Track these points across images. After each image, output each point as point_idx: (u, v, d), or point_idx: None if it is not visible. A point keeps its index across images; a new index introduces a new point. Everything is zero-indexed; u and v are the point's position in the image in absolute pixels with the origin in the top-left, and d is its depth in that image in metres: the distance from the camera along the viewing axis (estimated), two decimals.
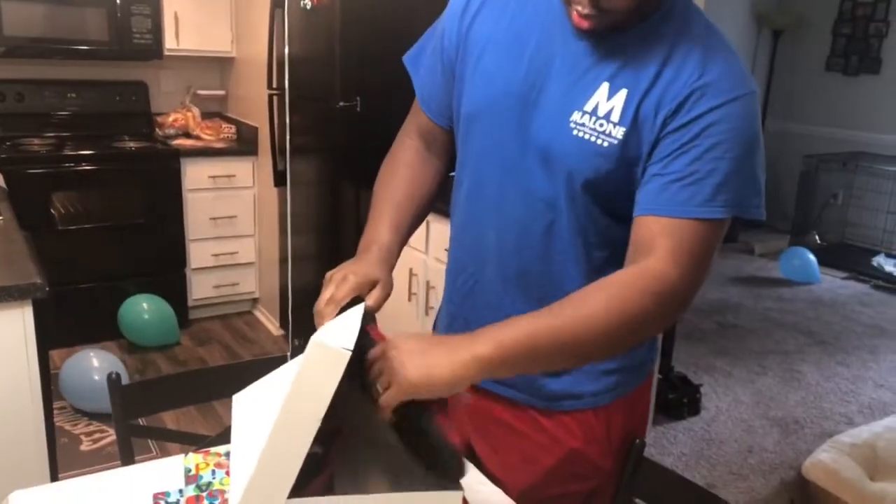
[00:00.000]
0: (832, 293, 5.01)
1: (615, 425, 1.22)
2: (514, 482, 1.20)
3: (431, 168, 1.27)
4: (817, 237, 5.83)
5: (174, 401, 1.66)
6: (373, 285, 1.10)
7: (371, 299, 1.08)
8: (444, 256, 2.64)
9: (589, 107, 1.03)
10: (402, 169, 1.24)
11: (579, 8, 0.98)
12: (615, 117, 1.02)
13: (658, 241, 0.98)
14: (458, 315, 1.26)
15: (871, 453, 2.66)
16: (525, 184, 1.09)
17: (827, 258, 5.44)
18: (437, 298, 2.79)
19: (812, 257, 5.21)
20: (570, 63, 1.05)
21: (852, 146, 5.89)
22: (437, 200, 1.31)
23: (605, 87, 1.03)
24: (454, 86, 1.18)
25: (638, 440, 1.32)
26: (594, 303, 0.96)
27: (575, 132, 1.03)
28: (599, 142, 1.02)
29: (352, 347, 0.85)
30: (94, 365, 2.93)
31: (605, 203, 1.06)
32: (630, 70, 1.02)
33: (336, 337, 0.87)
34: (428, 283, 2.81)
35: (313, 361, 0.84)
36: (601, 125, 1.02)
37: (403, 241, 1.22)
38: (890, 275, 5.23)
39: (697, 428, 3.10)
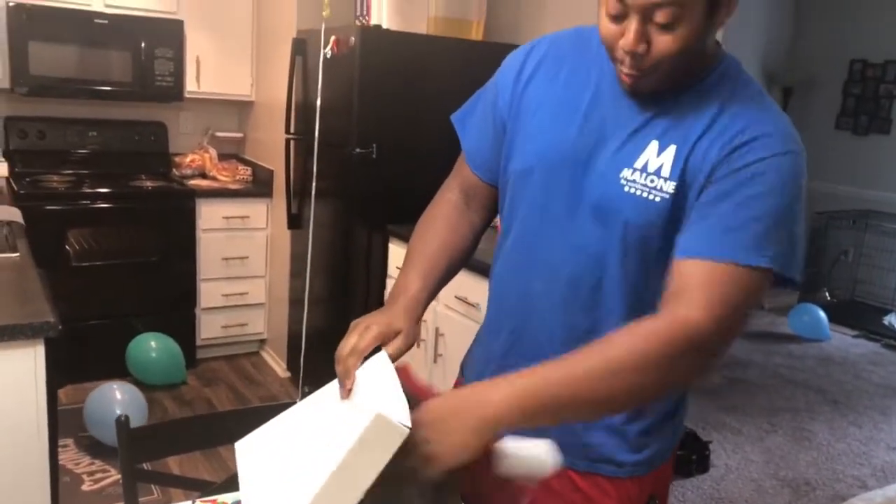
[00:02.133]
0: (842, 351, 4.97)
1: (646, 489, 1.21)
2: None
3: (468, 222, 1.28)
4: (827, 294, 5.81)
5: (180, 445, 1.65)
6: (396, 335, 1.10)
7: (391, 348, 1.09)
8: (455, 303, 2.66)
9: (639, 164, 1.05)
10: (439, 221, 1.25)
11: (624, 68, 1.01)
12: (665, 172, 1.03)
13: (693, 286, 0.95)
14: (499, 374, 1.09)
15: None
16: (576, 239, 1.09)
17: (837, 315, 5.41)
18: (445, 345, 2.78)
19: (822, 314, 5.18)
20: (622, 122, 1.07)
21: (862, 204, 5.90)
22: (472, 255, 1.32)
23: (654, 144, 1.05)
24: (504, 143, 1.20)
25: (648, 499, 1.30)
26: (616, 350, 0.94)
27: (626, 188, 1.05)
28: (651, 197, 1.04)
29: (409, 424, 0.85)
30: (117, 398, 2.93)
31: (656, 260, 1.04)
32: (680, 127, 1.04)
33: (397, 412, 0.87)
34: (437, 329, 2.81)
35: (375, 434, 0.84)
36: (652, 181, 1.04)
37: (432, 293, 1.21)
38: None
39: (706, 486, 3.05)
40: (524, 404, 0.90)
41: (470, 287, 2.60)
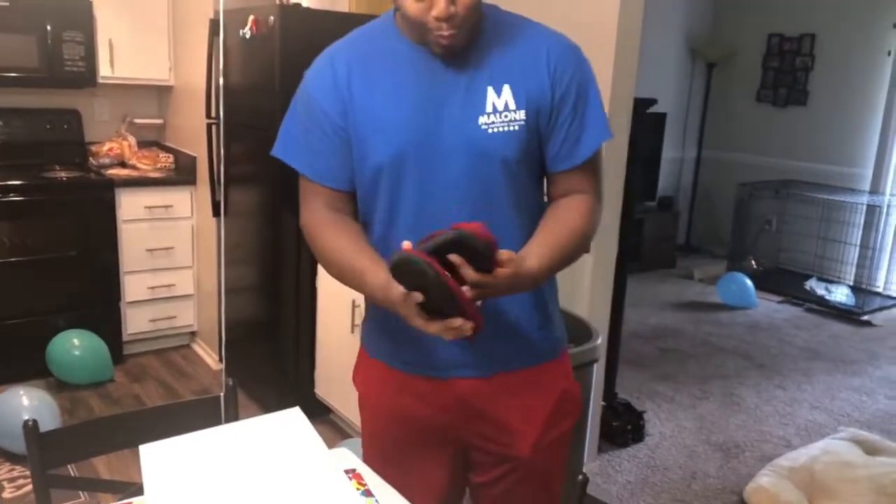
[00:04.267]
0: (768, 317, 5.15)
1: (567, 362, 1.50)
2: (526, 438, 1.40)
3: (355, 224, 1.37)
4: (753, 262, 6.00)
5: (101, 446, 1.58)
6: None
7: None
8: None
9: (489, 108, 1.26)
10: (341, 231, 1.32)
11: (442, 33, 1.19)
12: (512, 106, 1.27)
13: (583, 183, 1.34)
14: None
15: (808, 476, 2.72)
16: (464, 185, 1.28)
17: (763, 283, 5.60)
18: (361, 315, 2.74)
19: (748, 282, 5.36)
20: (450, 85, 1.27)
21: (784, 174, 6.11)
22: None
23: (490, 90, 1.27)
24: (354, 150, 1.30)
25: (581, 476, 1.32)
26: (574, 223, 1.30)
27: (489, 130, 1.26)
28: (510, 128, 1.27)
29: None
30: (23, 404, 2.78)
31: (518, 164, 1.30)
32: (500, 70, 1.27)
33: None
34: (353, 301, 2.76)
35: None
36: (506, 116, 1.27)
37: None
38: (822, 298, 5.40)
39: (642, 455, 3.12)
40: (550, 266, 1.25)
41: None
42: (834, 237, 5.74)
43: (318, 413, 3.21)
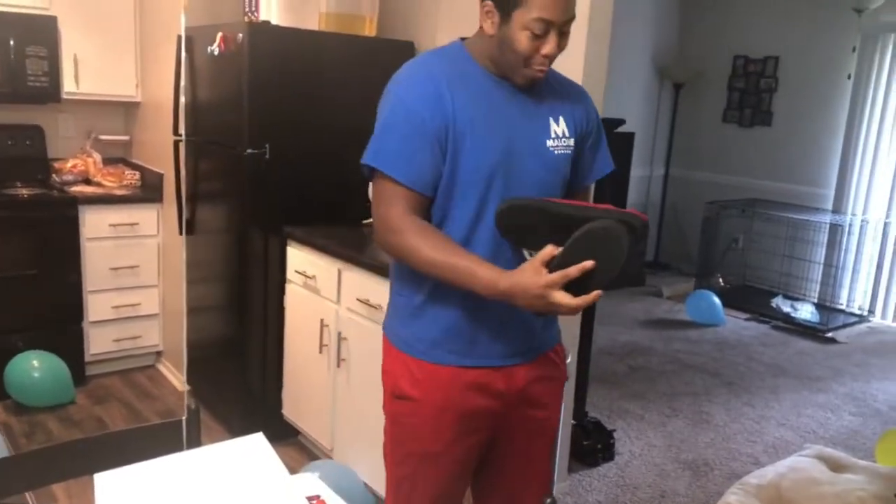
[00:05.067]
0: (736, 334, 5.20)
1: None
2: (552, 409, 1.70)
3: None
4: (721, 280, 6.08)
5: (57, 474, 1.52)
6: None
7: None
8: (358, 306, 2.60)
9: (552, 135, 1.55)
10: (435, 233, 1.47)
11: (538, 68, 1.46)
12: (566, 135, 1.57)
13: (583, 197, 1.71)
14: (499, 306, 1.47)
15: (776, 493, 2.73)
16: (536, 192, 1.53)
17: (730, 300, 5.67)
18: (349, 350, 2.72)
19: (716, 300, 5.42)
20: (525, 112, 1.53)
21: (750, 193, 6.21)
22: None
23: (551, 120, 1.55)
24: (448, 160, 1.46)
25: (549, 499, 1.30)
26: None
27: (555, 152, 1.55)
28: (566, 152, 1.57)
29: None
30: None
31: (565, 180, 1.61)
32: (557, 105, 1.57)
33: None
34: (340, 334, 2.74)
35: None
36: (563, 142, 1.56)
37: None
38: (788, 315, 5.48)
39: (612, 474, 3.11)
40: None
41: (372, 289, 2.55)
42: (798, 255, 5.83)
43: (286, 434, 3.16)
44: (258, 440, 1.13)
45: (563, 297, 1.30)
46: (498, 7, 1.44)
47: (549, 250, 1.34)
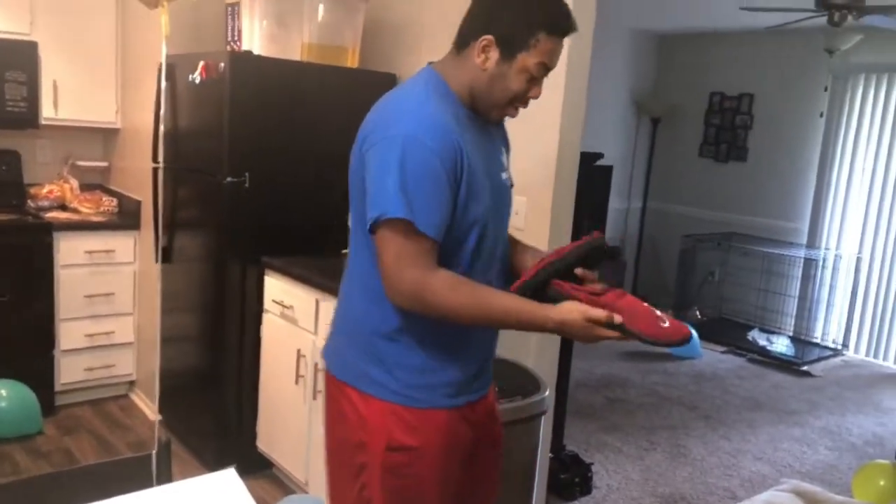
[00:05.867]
0: (713, 367, 5.23)
1: None
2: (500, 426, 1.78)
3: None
4: (698, 312, 6.12)
5: None
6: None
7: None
8: None
9: (504, 166, 1.63)
10: (471, 283, 1.46)
11: (518, 109, 1.54)
12: (507, 165, 1.65)
13: None
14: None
15: None
16: (505, 231, 1.65)
17: (707, 333, 5.71)
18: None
19: (693, 333, 5.44)
20: (491, 147, 1.59)
21: (726, 227, 6.30)
22: None
23: (504, 152, 1.66)
24: (458, 206, 1.45)
25: None
26: None
27: (508, 184, 1.63)
28: (510, 183, 1.64)
29: None
30: None
31: None
32: (502, 140, 1.66)
33: None
34: (317, 365, 2.71)
35: None
36: (509, 173, 1.64)
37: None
38: (763, 349, 5.53)
39: None
40: None
41: None
42: (774, 289, 5.90)
43: (260, 467, 3.11)
44: (229, 476, 1.11)
45: (608, 333, 1.38)
46: (502, 46, 1.44)
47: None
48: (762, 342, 5.61)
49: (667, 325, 1.38)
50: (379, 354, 1.51)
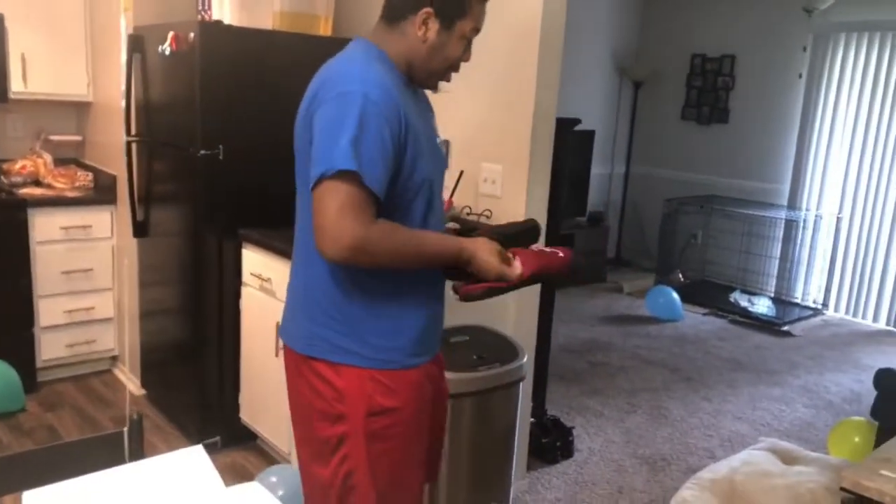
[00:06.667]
0: (695, 329, 5.29)
1: None
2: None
3: None
4: (680, 275, 6.16)
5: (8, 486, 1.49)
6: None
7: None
8: None
9: (437, 132, 1.68)
10: (397, 225, 1.48)
11: (453, 74, 1.60)
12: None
13: None
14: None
15: (729, 487, 2.78)
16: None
17: (689, 295, 5.75)
18: None
19: (675, 295, 5.49)
20: (429, 113, 1.66)
21: (708, 190, 6.31)
22: None
23: (434, 117, 1.70)
24: (404, 166, 1.47)
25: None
26: None
27: (442, 148, 1.72)
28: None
29: None
30: None
31: None
32: (427, 103, 1.69)
33: None
34: (277, 323, 2.70)
35: None
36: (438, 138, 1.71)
37: None
38: (745, 310, 5.58)
39: (571, 471, 3.14)
40: None
41: None
42: (755, 251, 5.95)
43: (244, 438, 3.13)
44: (196, 453, 1.11)
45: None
46: (441, 16, 1.50)
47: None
48: (744, 303, 5.66)
49: (561, 255, 1.63)
50: (346, 322, 1.52)
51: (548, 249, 1.63)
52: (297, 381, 1.61)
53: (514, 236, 1.63)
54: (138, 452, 1.39)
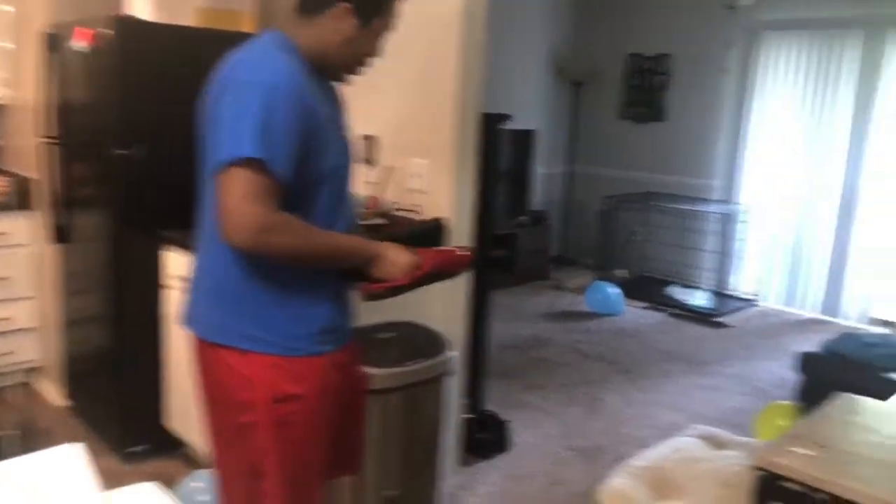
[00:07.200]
0: (634, 323, 5.36)
1: None
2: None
3: None
4: (627, 272, 6.24)
5: None
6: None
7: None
8: None
9: (346, 126, 1.66)
10: (299, 222, 1.46)
11: (367, 68, 1.62)
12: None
13: None
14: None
15: (660, 474, 2.81)
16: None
17: (630, 290, 5.82)
18: None
19: (613, 290, 5.55)
20: (338, 105, 1.67)
21: (647, 187, 6.41)
22: None
23: (342, 112, 1.68)
24: (311, 154, 1.46)
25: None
26: None
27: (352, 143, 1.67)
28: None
29: None
30: None
31: None
32: (337, 100, 1.68)
33: None
34: None
35: None
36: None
37: None
38: (682, 303, 5.69)
39: (507, 465, 3.14)
40: None
41: None
42: (692, 245, 6.06)
43: (173, 447, 3.04)
44: (71, 451, 1.06)
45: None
46: (359, 13, 1.52)
47: None
48: (681, 297, 5.76)
49: (458, 252, 1.73)
50: (252, 309, 1.52)
51: (446, 248, 1.76)
52: (203, 369, 1.59)
53: (417, 236, 1.77)
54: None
